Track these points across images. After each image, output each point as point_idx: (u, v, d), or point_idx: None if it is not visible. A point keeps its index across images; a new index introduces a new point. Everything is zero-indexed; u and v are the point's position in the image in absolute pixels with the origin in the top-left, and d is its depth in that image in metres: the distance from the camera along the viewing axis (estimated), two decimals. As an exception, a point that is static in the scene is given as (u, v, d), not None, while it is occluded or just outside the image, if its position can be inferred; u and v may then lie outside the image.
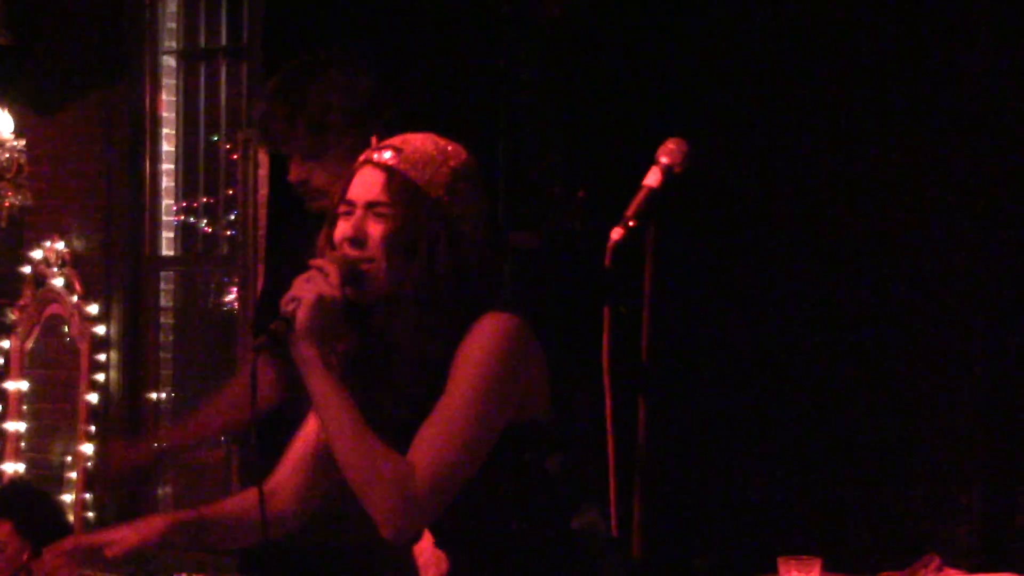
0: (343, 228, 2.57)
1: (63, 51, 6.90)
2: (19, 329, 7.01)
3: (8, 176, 5.69)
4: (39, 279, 6.96)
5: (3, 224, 5.82)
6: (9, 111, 5.79)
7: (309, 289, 2.50)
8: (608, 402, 2.28)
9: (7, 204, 5.68)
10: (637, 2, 4.71)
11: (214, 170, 6.82)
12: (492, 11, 4.94)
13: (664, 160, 2.42)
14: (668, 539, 4.26)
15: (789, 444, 4.47)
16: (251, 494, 2.63)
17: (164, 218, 6.89)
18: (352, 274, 2.53)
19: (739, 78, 4.59)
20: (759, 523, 4.43)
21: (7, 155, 5.66)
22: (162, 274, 6.88)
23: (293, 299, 2.50)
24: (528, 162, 4.89)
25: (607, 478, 2.28)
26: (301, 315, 2.48)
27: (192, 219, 6.95)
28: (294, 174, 3.56)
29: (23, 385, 7.00)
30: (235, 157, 6.53)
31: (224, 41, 6.76)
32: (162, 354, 6.86)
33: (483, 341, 2.50)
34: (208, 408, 3.87)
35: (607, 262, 2.27)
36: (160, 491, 6.81)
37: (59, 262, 6.90)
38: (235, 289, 6.69)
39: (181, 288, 6.96)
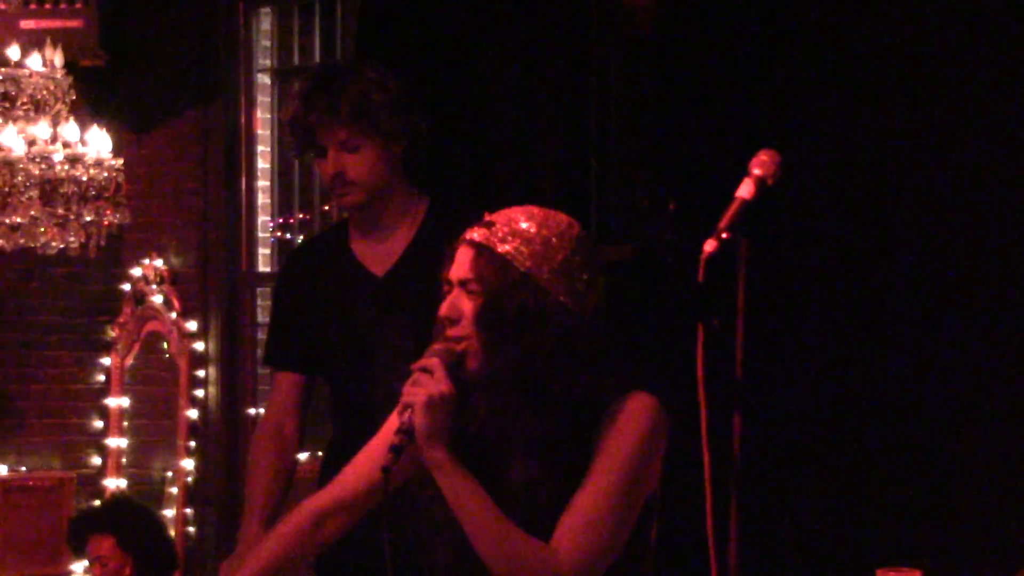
0: (444, 307, 2.58)
1: (158, 71, 6.98)
2: (119, 346, 7.10)
3: (106, 195, 5.74)
4: (138, 297, 7.05)
5: (102, 243, 5.87)
6: (107, 131, 5.85)
7: (418, 393, 2.50)
8: (703, 417, 2.27)
9: (106, 223, 5.73)
10: (725, 15, 4.69)
11: (309, 186, 6.87)
12: (582, 27, 4.95)
13: (757, 172, 2.39)
14: (764, 552, 4.23)
15: (886, 455, 4.43)
16: (281, 538, 2.69)
17: (260, 234, 6.96)
18: (454, 359, 2.53)
19: (832, 88, 4.55)
20: (856, 535, 4.40)
21: (105, 174, 5.71)
22: (259, 290, 6.93)
23: (406, 407, 2.51)
24: (619, 175, 4.89)
25: (703, 493, 2.27)
26: (418, 421, 2.48)
27: (288, 235, 7.00)
28: (330, 166, 3.61)
29: (124, 402, 7.09)
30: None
31: (317, 58, 6.81)
32: (259, 370, 6.90)
33: (633, 426, 2.52)
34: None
35: (700, 275, 2.26)
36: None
37: (157, 279, 6.99)
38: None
39: (277, 304, 7.00)
